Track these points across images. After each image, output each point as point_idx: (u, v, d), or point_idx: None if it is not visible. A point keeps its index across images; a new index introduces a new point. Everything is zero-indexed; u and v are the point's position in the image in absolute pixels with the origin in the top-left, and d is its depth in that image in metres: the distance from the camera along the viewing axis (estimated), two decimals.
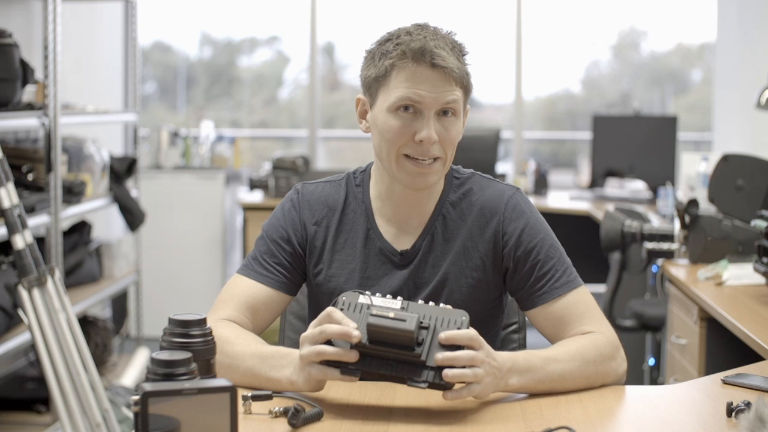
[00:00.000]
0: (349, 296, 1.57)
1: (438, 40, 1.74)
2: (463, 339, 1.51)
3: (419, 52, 1.72)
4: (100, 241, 4.54)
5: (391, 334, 1.49)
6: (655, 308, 3.77)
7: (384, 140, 1.77)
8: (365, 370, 1.52)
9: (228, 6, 6.63)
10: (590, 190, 5.49)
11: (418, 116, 1.74)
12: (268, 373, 1.62)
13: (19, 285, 2.96)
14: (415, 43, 1.73)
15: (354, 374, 1.52)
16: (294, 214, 1.88)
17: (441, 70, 1.72)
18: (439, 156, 1.77)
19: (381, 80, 1.77)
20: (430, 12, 6.42)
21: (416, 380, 1.51)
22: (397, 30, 1.79)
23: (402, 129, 1.75)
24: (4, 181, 2.97)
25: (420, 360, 1.50)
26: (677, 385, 1.81)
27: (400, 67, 1.74)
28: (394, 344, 1.50)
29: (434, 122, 1.74)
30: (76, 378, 2.98)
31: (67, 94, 4.15)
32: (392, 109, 1.75)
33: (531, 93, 6.53)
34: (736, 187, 3.34)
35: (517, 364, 1.61)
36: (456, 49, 1.77)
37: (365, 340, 1.50)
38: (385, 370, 1.51)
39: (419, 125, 1.74)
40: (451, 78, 1.73)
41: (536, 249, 1.81)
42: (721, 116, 5.52)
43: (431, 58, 1.72)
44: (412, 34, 1.75)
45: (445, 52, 1.73)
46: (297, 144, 6.59)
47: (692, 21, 6.45)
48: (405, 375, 1.51)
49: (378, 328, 1.49)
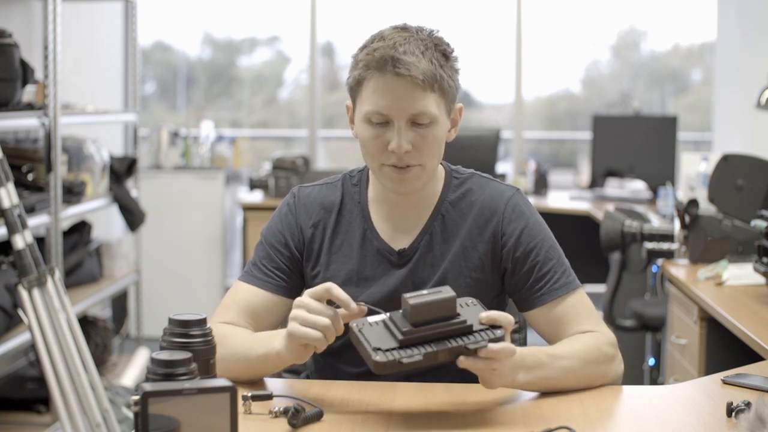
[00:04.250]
0: (358, 323, 1.53)
1: (409, 45, 1.70)
2: (502, 319, 1.52)
3: (382, 61, 1.69)
4: (100, 241, 4.54)
5: (436, 308, 1.49)
6: (655, 308, 3.77)
7: (364, 149, 1.78)
8: (424, 351, 1.48)
9: (228, 6, 6.63)
10: (590, 190, 5.49)
11: (390, 126, 1.73)
12: (257, 351, 1.65)
13: (19, 285, 2.96)
14: (380, 51, 1.70)
15: (416, 358, 1.47)
16: (291, 218, 1.88)
17: (405, 78, 1.68)
18: (417, 163, 1.75)
19: (356, 90, 1.76)
20: (430, 12, 6.42)
21: (474, 342, 1.49)
22: (377, 33, 1.76)
23: (375, 140, 1.74)
24: (4, 181, 2.97)
25: (468, 325, 1.50)
26: (677, 385, 1.81)
27: (368, 78, 1.72)
28: (438, 319, 1.49)
29: (407, 131, 1.72)
30: (76, 378, 2.98)
31: (67, 94, 4.15)
32: (365, 120, 1.75)
33: (531, 93, 6.53)
34: (736, 187, 3.34)
35: (525, 360, 1.61)
36: (431, 50, 1.72)
37: (410, 325, 1.48)
38: (441, 347, 1.49)
39: (390, 135, 1.72)
40: (416, 85, 1.69)
41: (535, 250, 1.81)
42: (721, 116, 5.52)
43: (394, 67, 1.68)
44: (385, 39, 1.72)
45: (413, 57, 1.69)
46: (297, 144, 6.59)
47: (692, 21, 6.45)
48: (461, 345, 1.49)
49: (422, 306, 1.48)
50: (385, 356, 1.47)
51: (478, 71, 6.58)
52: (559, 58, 6.55)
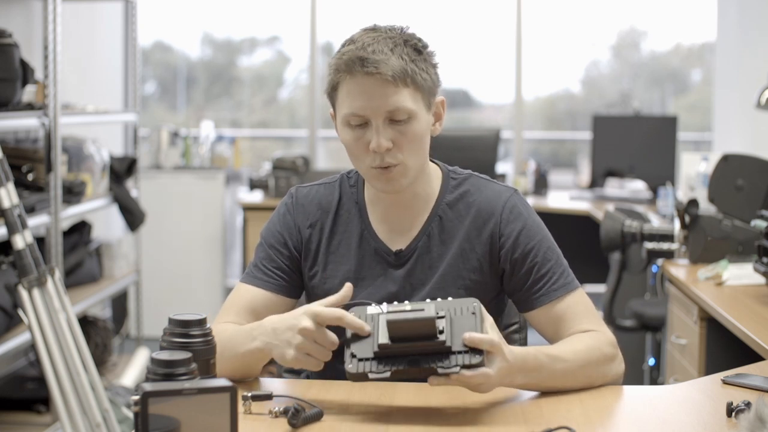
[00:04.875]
0: (357, 310, 1.55)
1: (377, 44, 1.71)
2: (485, 344, 1.50)
3: (350, 63, 1.70)
4: (100, 241, 4.54)
5: (413, 326, 1.49)
6: (655, 308, 3.77)
7: (349, 153, 1.79)
8: (393, 369, 1.50)
9: (228, 6, 6.63)
10: (590, 190, 5.49)
11: (368, 126, 1.73)
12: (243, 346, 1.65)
13: (19, 285, 2.96)
14: (347, 54, 1.71)
15: (384, 376, 1.50)
16: (289, 219, 1.88)
17: (374, 76, 1.69)
18: (398, 162, 1.74)
19: (332, 95, 1.77)
20: (430, 12, 6.41)
21: (448, 367, 1.49)
22: (349, 37, 1.76)
23: (356, 142, 1.74)
24: (4, 181, 2.97)
25: (446, 347, 1.49)
26: (677, 385, 1.81)
27: (341, 82, 1.73)
28: (416, 337, 1.49)
29: (385, 129, 1.72)
30: (76, 378, 2.98)
31: (67, 94, 4.15)
32: (345, 124, 1.75)
33: (531, 93, 6.53)
34: (736, 187, 3.34)
35: (526, 364, 1.61)
36: (400, 46, 1.72)
37: (387, 340, 1.50)
38: (413, 365, 1.50)
39: (370, 135, 1.73)
40: (387, 81, 1.69)
41: (533, 251, 1.81)
42: (721, 116, 5.52)
43: (363, 67, 1.69)
44: (355, 42, 1.73)
45: (381, 56, 1.69)
46: (297, 144, 6.59)
47: (692, 21, 6.45)
48: (435, 365, 1.49)
49: (399, 324, 1.49)
50: (356, 367, 1.51)
51: (478, 71, 6.58)
52: (559, 58, 6.55)
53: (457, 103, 6.64)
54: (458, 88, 6.64)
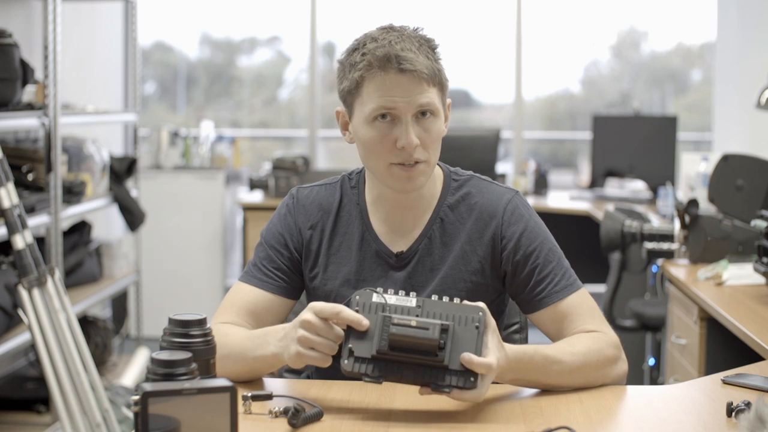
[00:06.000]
0: (363, 296, 1.55)
1: (404, 42, 1.72)
2: (482, 369, 1.50)
3: (385, 59, 1.70)
4: (100, 241, 4.54)
5: (415, 343, 1.49)
6: (655, 308, 3.77)
7: (368, 152, 1.77)
8: (388, 376, 1.51)
9: (228, 6, 6.63)
10: (590, 190, 5.49)
11: (396, 123, 1.73)
12: (254, 352, 1.65)
13: (19, 285, 2.96)
14: (380, 50, 1.71)
15: (377, 381, 1.51)
16: (290, 219, 1.88)
17: (410, 73, 1.70)
18: (424, 159, 1.75)
19: (354, 93, 1.76)
20: (430, 12, 6.41)
21: (441, 384, 1.50)
22: (363, 37, 1.76)
23: (382, 138, 1.74)
24: (4, 181, 2.97)
25: (443, 365, 1.50)
26: (677, 385, 1.81)
27: (370, 78, 1.72)
28: (416, 351, 1.50)
29: (413, 126, 1.73)
30: (76, 378, 2.98)
31: (67, 94, 4.15)
32: (369, 120, 1.74)
33: (531, 93, 6.53)
34: (736, 187, 3.34)
35: (520, 364, 1.61)
36: (424, 46, 1.74)
37: (386, 347, 1.50)
38: (408, 375, 1.51)
39: (398, 132, 1.72)
40: (421, 79, 1.71)
41: (535, 253, 1.81)
42: (721, 116, 5.52)
43: (398, 64, 1.70)
44: (377, 40, 1.73)
45: (412, 54, 1.71)
46: (297, 144, 6.59)
47: (692, 21, 6.45)
48: (429, 380, 1.50)
49: (401, 338, 1.49)
50: (352, 365, 1.51)
51: (478, 71, 6.58)
52: (559, 58, 6.54)
53: (457, 103, 6.64)
54: (458, 88, 6.64)
